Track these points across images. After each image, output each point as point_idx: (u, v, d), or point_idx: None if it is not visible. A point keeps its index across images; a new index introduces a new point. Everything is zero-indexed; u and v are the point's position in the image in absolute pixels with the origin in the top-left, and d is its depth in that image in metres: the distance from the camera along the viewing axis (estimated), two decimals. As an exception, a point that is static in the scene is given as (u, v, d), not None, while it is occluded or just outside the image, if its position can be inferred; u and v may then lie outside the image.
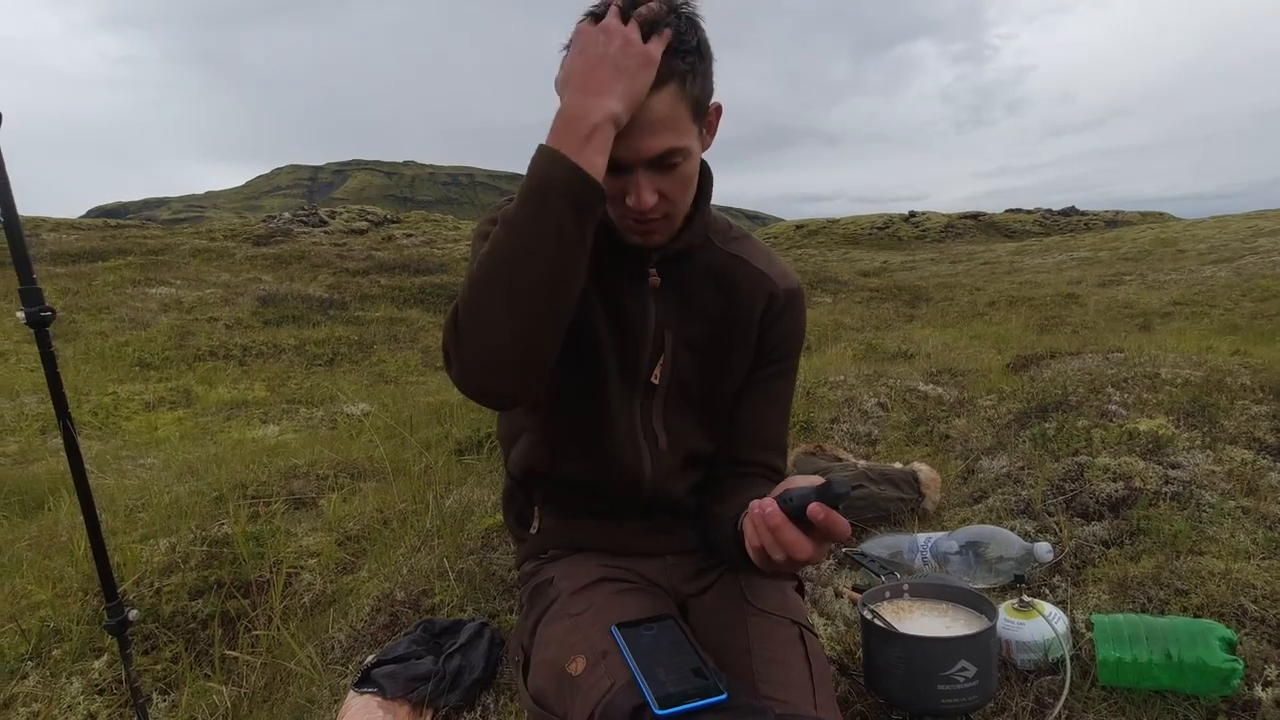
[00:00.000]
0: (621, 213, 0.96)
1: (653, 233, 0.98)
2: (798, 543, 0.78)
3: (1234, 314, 8.77)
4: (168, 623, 1.86)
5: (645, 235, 0.98)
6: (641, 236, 0.99)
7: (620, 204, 0.94)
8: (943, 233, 27.66)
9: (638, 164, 0.90)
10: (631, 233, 0.98)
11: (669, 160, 0.91)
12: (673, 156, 0.91)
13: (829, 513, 0.75)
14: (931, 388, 3.65)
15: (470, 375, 0.88)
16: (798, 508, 0.78)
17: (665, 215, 0.97)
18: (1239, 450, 2.10)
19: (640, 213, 0.93)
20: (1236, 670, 1.18)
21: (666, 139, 0.89)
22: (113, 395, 5.42)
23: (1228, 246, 15.36)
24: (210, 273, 10.93)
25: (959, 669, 1.14)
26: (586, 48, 0.85)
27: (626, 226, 0.98)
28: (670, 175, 0.93)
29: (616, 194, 0.93)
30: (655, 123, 0.88)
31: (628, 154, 0.88)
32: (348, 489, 2.82)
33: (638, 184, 0.90)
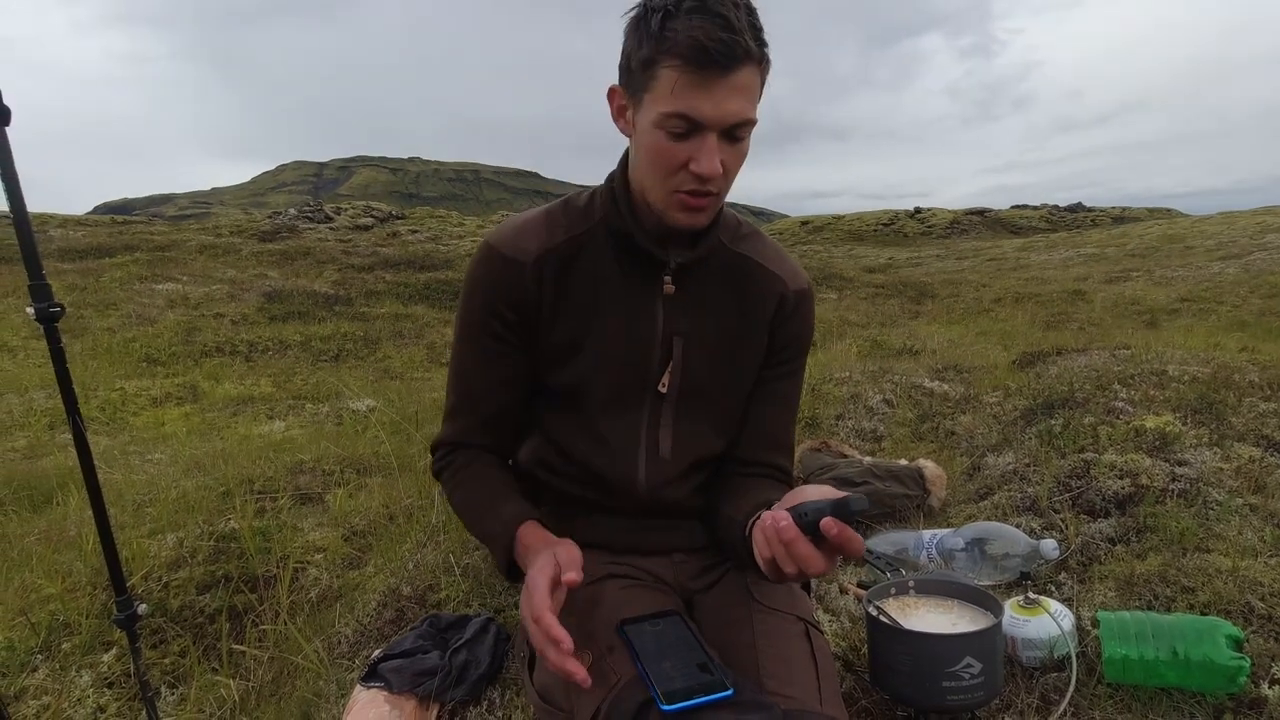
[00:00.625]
0: (677, 185, 0.93)
1: (702, 209, 0.96)
2: (811, 557, 0.78)
3: (1242, 310, 8.72)
4: (175, 617, 1.87)
5: (693, 213, 0.96)
6: (689, 215, 0.96)
7: (678, 174, 0.92)
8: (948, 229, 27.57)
9: (716, 127, 0.89)
10: (679, 209, 0.95)
11: (738, 133, 0.91)
12: (743, 129, 0.91)
13: (843, 529, 0.75)
14: (937, 384, 3.64)
15: None
16: (812, 522, 0.77)
17: (718, 192, 0.95)
18: (1246, 447, 2.09)
19: (704, 179, 0.91)
20: (1243, 668, 1.17)
21: (746, 109, 0.89)
22: (120, 391, 5.44)
23: (1236, 243, 15.28)
24: (216, 269, 10.97)
25: (964, 666, 1.14)
26: None
27: (675, 203, 0.95)
28: (734, 149, 0.93)
29: (678, 163, 0.91)
30: (742, 89, 0.88)
31: (713, 113, 0.87)
32: (354, 484, 2.83)
33: (710, 147, 0.89)
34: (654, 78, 0.89)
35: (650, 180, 0.95)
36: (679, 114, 0.88)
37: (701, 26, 0.84)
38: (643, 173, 0.96)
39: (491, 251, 1.04)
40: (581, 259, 1.04)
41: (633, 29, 0.92)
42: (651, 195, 0.96)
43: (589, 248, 1.04)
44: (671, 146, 0.90)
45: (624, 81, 0.95)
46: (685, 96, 0.87)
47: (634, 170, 0.99)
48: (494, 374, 1.08)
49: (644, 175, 0.96)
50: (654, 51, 0.87)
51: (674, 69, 0.86)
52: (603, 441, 1.09)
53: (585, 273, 1.04)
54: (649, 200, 0.97)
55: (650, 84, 0.89)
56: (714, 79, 0.86)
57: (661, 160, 0.91)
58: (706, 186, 0.93)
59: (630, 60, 0.92)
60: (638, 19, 0.91)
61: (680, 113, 0.87)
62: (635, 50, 0.91)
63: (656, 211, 0.97)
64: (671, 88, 0.87)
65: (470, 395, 1.11)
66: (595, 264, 1.04)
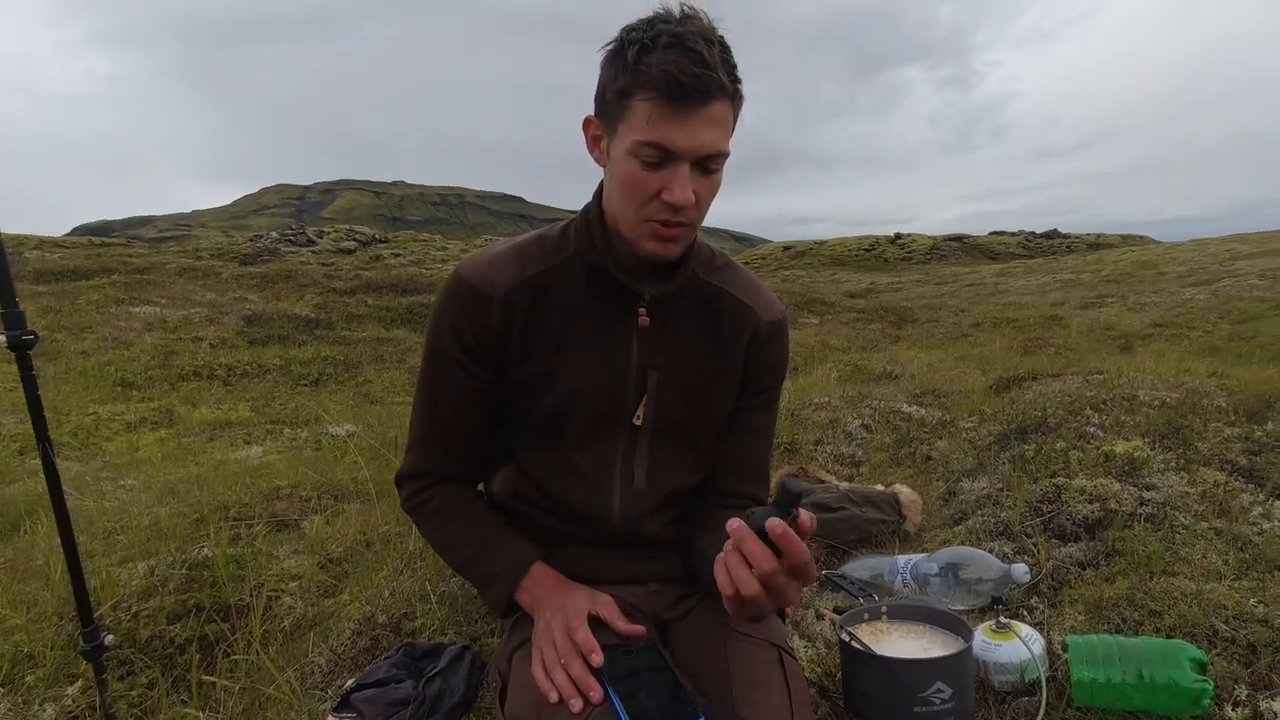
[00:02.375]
0: (649, 214, 0.95)
1: (675, 240, 0.97)
2: (762, 555, 0.79)
3: (1212, 335, 8.91)
4: (144, 647, 1.83)
5: (665, 244, 0.97)
6: (661, 245, 0.97)
7: (650, 204, 0.94)
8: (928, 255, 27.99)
9: (689, 158, 0.91)
10: (651, 239, 0.96)
11: (712, 165, 0.94)
12: (716, 161, 0.94)
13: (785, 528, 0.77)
14: (915, 409, 3.68)
15: None
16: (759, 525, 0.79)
17: (690, 224, 0.97)
18: (1212, 472, 2.13)
19: (675, 209, 0.93)
20: (1207, 690, 1.19)
21: (719, 141, 0.92)
22: (93, 415, 5.36)
23: (1206, 269, 15.64)
24: (195, 292, 10.86)
25: (935, 690, 1.15)
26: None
27: (648, 232, 0.96)
28: (706, 181, 0.95)
29: (651, 192, 0.93)
30: (714, 122, 0.91)
31: (686, 144, 0.90)
32: (331, 511, 2.80)
33: (683, 177, 0.92)
34: (629, 108, 0.91)
35: (623, 209, 0.97)
36: (653, 143, 0.90)
37: (676, 61, 0.87)
38: (616, 202, 0.98)
39: (461, 283, 1.05)
40: (555, 292, 1.05)
41: (609, 62, 0.94)
42: (624, 224, 0.98)
43: (562, 281, 1.06)
44: (645, 175, 0.92)
45: (599, 112, 0.97)
46: (659, 127, 0.89)
47: (608, 200, 1.01)
48: (460, 405, 1.09)
49: (617, 204, 0.98)
50: (629, 84, 0.90)
51: (649, 101, 0.89)
52: (577, 474, 1.10)
53: (558, 306, 1.05)
54: (621, 230, 0.99)
55: (625, 114, 0.92)
56: (687, 111, 0.89)
57: (635, 189, 0.93)
58: (679, 217, 0.95)
59: (606, 91, 0.94)
60: (614, 52, 0.93)
61: (654, 142, 0.90)
62: (611, 82, 0.93)
63: (629, 241, 0.99)
64: (646, 119, 0.90)
65: (437, 427, 1.12)
66: (569, 297, 1.06)
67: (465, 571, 1.16)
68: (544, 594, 1.04)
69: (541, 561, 1.09)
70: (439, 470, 1.14)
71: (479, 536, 1.12)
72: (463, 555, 1.13)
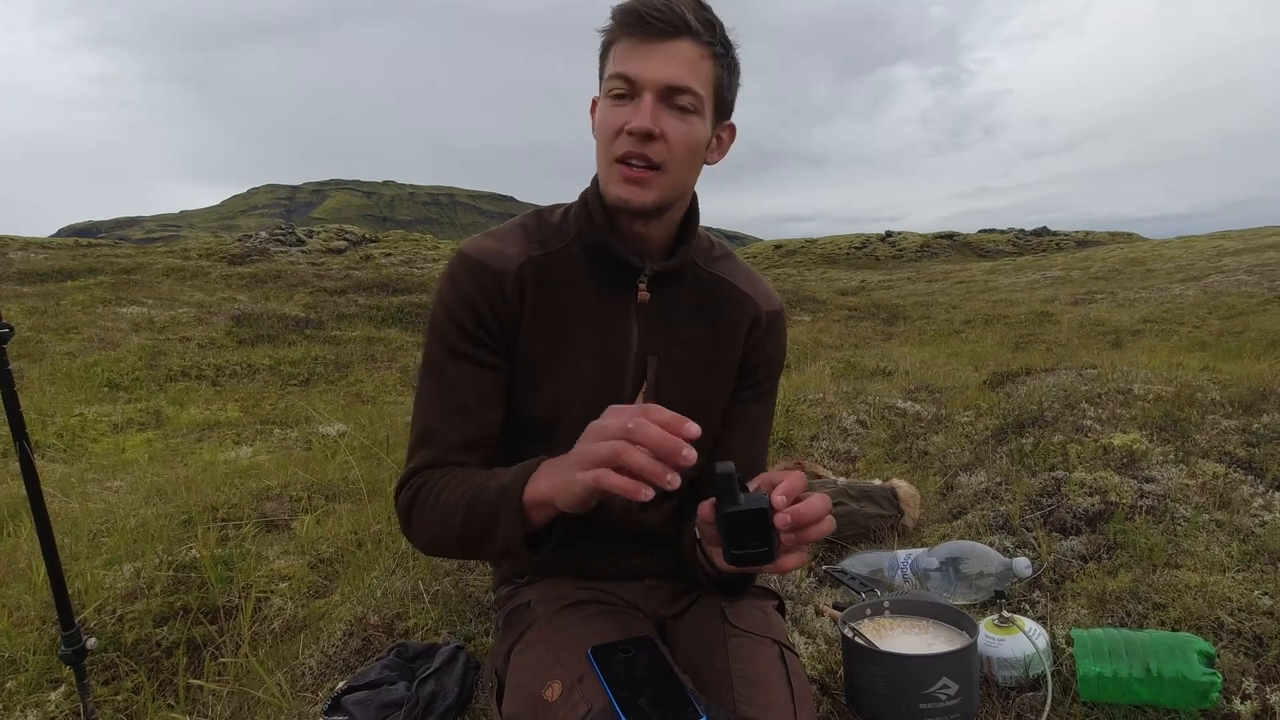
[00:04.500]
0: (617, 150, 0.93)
1: (641, 183, 0.93)
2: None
3: (1202, 331, 8.96)
4: (130, 651, 1.79)
5: (632, 186, 0.93)
6: (627, 188, 0.93)
7: (616, 139, 0.94)
8: (919, 252, 28.08)
9: (651, 88, 0.92)
10: (620, 182, 0.94)
11: (680, 101, 0.93)
12: (684, 98, 0.93)
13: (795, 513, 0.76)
14: (910, 405, 3.66)
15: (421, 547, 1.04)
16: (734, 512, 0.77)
17: (660, 166, 0.93)
18: (1211, 464, 2.12)
19: (639, 139, 0.91)
20: (1215, 684, 1.18)
21: (683, 75, 0.93)
22: (79, 417, 5.28)
23: (1194, 266, 15.75)
24: (184, 292, 10.77)
25: (941, 686, 1.13)
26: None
27: (617, 175, 0.94)
28: (677, 119, 0.93)
29: (616, 126, 0.93)
30: (680, 59, 0.93)
31: (648, 74, 0.92)
32: (321, 511, 2.76)
33: (646, 105, 0.92)
34: (607, 58, 0.96)
35: (598, 155, 0.98)
36: (618, 74, 0.93)
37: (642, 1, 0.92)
38: (597, 154, 0.99)
39: (470, 259, 1.01)
40: (555, 276, 1.03)
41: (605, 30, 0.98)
42: (600, 173, 0.98)
43: (563, 265, 1.03)
44: (612, 111, 0.94)
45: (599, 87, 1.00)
46: (623, 60, 0.93)
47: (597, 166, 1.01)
48: (477, 387, 1.01)
49: (598, 156, 0.99)
50: (607, 38, 0.96)
51: (620, 40, 0.94)
52: None
53: (558, 290, 1.03)
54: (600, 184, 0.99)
55: (605, 66, 0.96)
56: (651, 44, 0.92)
57: (604, 126, 0.96)
58: (643, 149, 0.92)
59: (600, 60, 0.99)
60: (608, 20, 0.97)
61: (619, 73, 0.93)
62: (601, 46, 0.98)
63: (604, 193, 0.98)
64: (617, 56, 0.94)
65: (448, 414, 1.01)
66: (569, 282, 1.03)
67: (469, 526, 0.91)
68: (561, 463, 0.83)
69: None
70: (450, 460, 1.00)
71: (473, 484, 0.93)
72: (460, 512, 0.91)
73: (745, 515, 0.75)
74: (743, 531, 0.76)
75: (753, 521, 0.75)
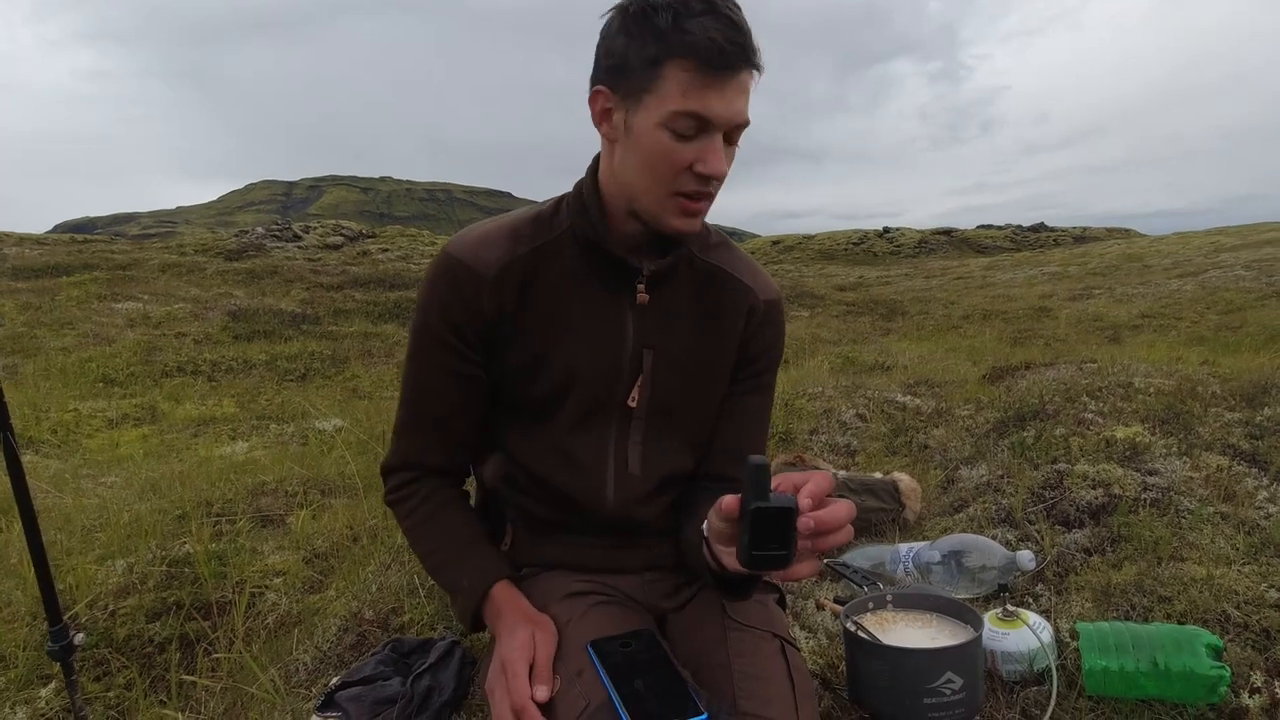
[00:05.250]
0: (678, 187, 0.91)
1: (697, 214, 0.94)
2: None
3: (1200, 326, 8.96)
4: (122, 647, 1.77)
5: (689, 218, 0.94)
6: (685, 220, 0.94)
7: (679, 176, 0.90)
8: (916, 248, 28.07)
9: (725, 127, 0.89)
10: (677, 214, 0.93)
11: (736, 135, 0.92)
12: (739, 132, 0.92)
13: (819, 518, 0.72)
14: (909, 399, 3.65)
15: None
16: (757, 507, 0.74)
17: (713, 194, 0.94)
18: (1215, 456, 2.11)
19: (707, 180, 0.90)
20: (1224, 677, 1.16)
21: (746, 110, 0.90)
22: (74, 412, 5.25)
23: (1191, 261, 15.75)
24: (180, 288, 10.72)
25: (945, 681, 1.11)
26: None
27: (674, 207, 0.92)
28: (730, 151, 0.93)
29: (683, 164, 0.89)
30: (744, 90, 0.89)
31: (725, 113, 0.87)
32: (317, 505, 2.74)
33: (718, 147, 0.89)
34: (660, 77, 0.86)
35: (646, 183, 0.92)
36: (691, 113, 0.86)
37: (718, 28, 0.84)
38: (636, 176, 0.92)
39: (451, 261, 0.99)
40: (547, 270, 1.00)
41: (628, 28, 0.88)
42: (646, 200, 0.93)
43: (555, 259, 1.00)
44: (677, 147, 0.88)
45: (612, 83, 0.91)
46: (698, 96, 0.85)
47: (620, 175, 0.95)
48: (450, 390, 1.03)
49: (638, 178, 0.92)
50: (661, 51, 0.85)
51: (686, 69, 0.85)
52: (570, 459, 1.05)
53: (551, 284, 1.00)
54: (641, 207, 0.94)
55: (654, 84, 0.87)
56: (725, 79, 0.86)
57: (664, 162, 0.89)
58: (708, 188, 0.92)
59: (628, 59, 0.88)
60: (635, 17, 0.87)
61: (693, 112, 0.86)
62: (637, 49, 0.87)
63: (648, 218, 0.94)
64: (682, 88, 0.85)
65: (424, 412, 1.06)
66: (562, 275, 1.00)
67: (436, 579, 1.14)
68: (500, 625, 1.00)
69: (506, 582, 1.04)
70: (425, 461, 1.09)
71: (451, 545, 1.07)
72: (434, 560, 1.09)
73: (771, 513, 0.70)
74: (765, 531, 0.71)
75: (777, 521, 0.70)
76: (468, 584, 1.03)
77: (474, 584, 1.03)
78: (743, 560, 0.73)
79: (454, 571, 1.06)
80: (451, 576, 1.06)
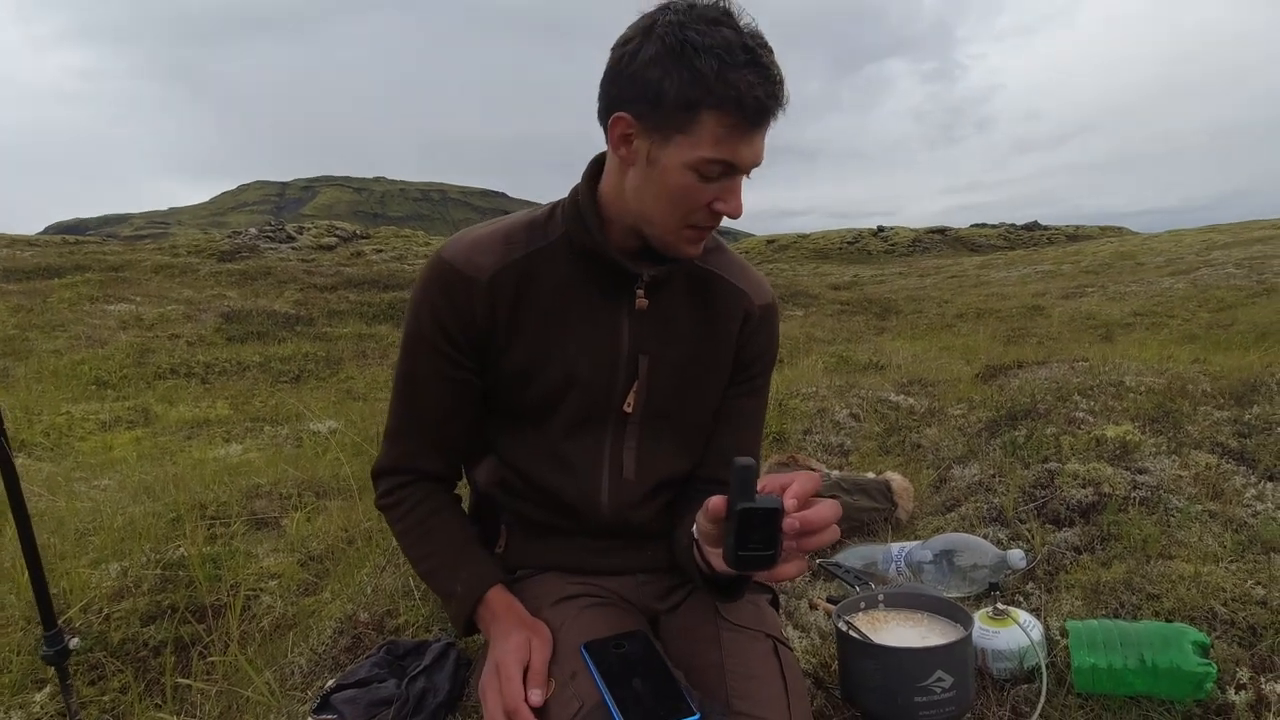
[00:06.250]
0: (694, 221, 0.94)
1: (703, 241, 0.99)
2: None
3: (1191, 324, 9.01)
4: (116, 651, 1.77)
5: (697, 245, 0.98)
6: (694, 247, 0.98)
7: (697, 212, 0.93)
8: (910, 247, 28.16)
9: (748, 171, 0.92)
10: (688, 243, 0.97)
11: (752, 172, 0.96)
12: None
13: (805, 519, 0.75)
14: (903, 398, 3.67)
15: None
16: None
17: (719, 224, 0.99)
18: (1203, 455, 2.13)
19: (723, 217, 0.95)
20: (1210, 674, 1.17)
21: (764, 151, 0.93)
22: (66, 415, 5.23)
23: (1183, 259, 15.84)
24: (172, 289, 10.68)
25: (935, 679, 1.12)
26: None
27: (684, 238, 0.96)
28: None
29: (702, 202, 0.92)
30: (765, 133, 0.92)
31: (750, 158, 0.91)
32: (312, 508, 2.73)
33: (738, 189, 0.94)
34: (696, 122, 0.87)
35: (663, 215, 0.94)
36: (722, 160, 0.89)
37: (761, 84, 0.86)
38: (653, 205, 0.94)
39: (444, 265, 0.99)
40: (541, 275, 1.01)
41: (669, 63, 0.86)
42: (659, 228, 0.95)
43: (549, 264, 1.01)
44: (701, 187, 0.91)
45: (640, 112, 0.89)
46: (730, 146, 0.88)
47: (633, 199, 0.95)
48: (443, 396, 1.04)
49: (655, 208, 0.94)
50: (701, 96, 0.85)
51: (724, 121, 0.86)
52: (565, 463, 1.06)
53: (545, 290, 1.01)
54: (650, 232, 0.96)
55: (689, 126, 0.87)
56: (759, 129, 0.89)
57: (686, 199, 0.92)
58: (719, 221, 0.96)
59: (665, 96, 0.86)
60: (676, 53, 0.85)
61: (724, 160, 0.89)
62: (673, 88, 0.86)
63: (656, 243, 0.97)
64: (715, 137, 0.87)
65: (415, 416, 1.07)
66: (557, 281, 1.01)
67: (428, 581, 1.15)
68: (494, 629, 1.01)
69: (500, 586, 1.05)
70: (416, 465, 1.10)
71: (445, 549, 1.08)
72: (427, 565, 1.10)
73: (757, 514, 0.71)
74: (751, 531, 0.72)
75: (763, 521, 0.72)
76: (461, 589, 1.04)
77: (468, 589, 1.03)
78: (729, 560, 0.74)
79: (448, 577, 1.06)
80: (445, 582, 1.07)
